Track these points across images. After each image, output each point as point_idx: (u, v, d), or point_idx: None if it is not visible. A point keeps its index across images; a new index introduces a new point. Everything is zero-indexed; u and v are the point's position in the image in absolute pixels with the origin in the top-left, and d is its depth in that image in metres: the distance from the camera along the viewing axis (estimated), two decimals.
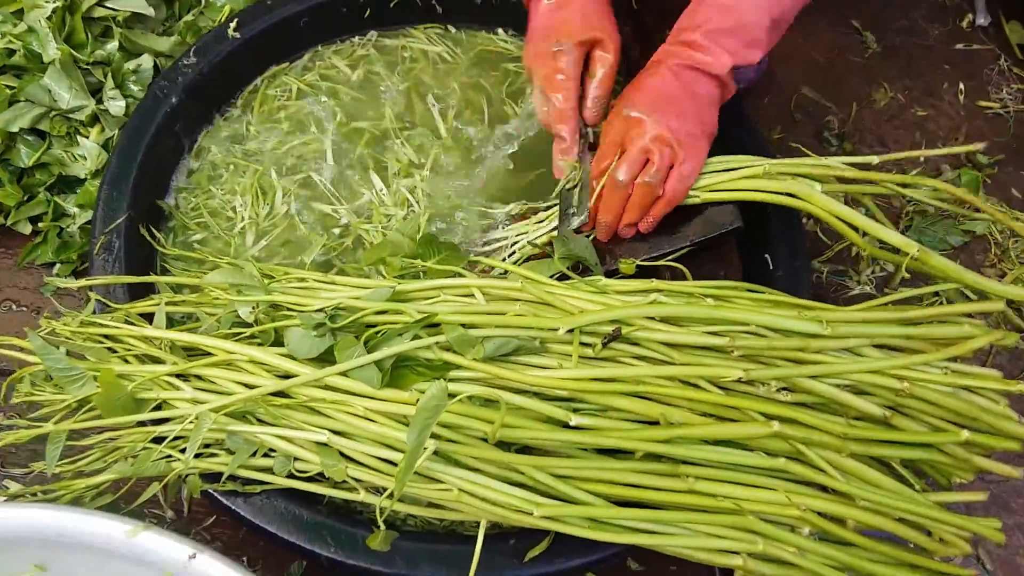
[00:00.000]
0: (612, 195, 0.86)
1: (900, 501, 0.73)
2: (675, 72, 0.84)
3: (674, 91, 0.84)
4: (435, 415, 0.62)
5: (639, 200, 0.85)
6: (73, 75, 1.05)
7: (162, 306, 0.77)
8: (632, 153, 0.83)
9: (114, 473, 0.73)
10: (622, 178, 0.84)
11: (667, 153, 0.82)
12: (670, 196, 0.85)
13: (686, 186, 0.85)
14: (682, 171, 0.84)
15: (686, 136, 0.83)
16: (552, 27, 0.88)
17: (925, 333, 0.75)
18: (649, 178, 0.83)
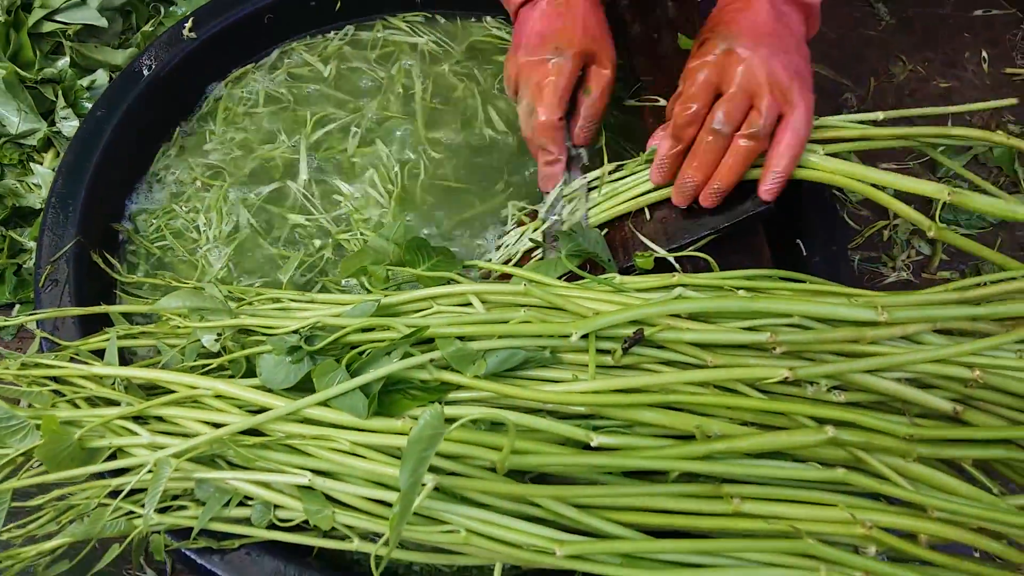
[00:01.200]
0: (707, 148, 0.73)
1: (979, 509, 0.62)
2: (771, 2, 0.74)
3: (772, 23, 0.73)
4: (431, 446, 0.52)
5: (743, 157, 0.72)
6: (21, 96, 0.96)
7: (113, 339, 0.67)
8: (735, 95, 0.71)
9: (68, 536, 0.63)
10: (724, 127, 0.71)
11: (777, 97, 0.70)
12: (796, 149, 0.71)
13: (806, 134, 0.72)
14: (800, 115, 0.71)
15: (796, 75, 0.71)
16: (548, 34, 0.80)
17: (994, 312, 0.65)
18: (755, 128, 0.70)
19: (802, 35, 0.77)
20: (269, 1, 0.96)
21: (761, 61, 0.70)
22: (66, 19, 1.03)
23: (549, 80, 0.78)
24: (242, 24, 0.95)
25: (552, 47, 0.79)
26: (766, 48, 0.71)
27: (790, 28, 0.75)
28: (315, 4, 0.99)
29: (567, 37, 0.79)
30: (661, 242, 0.78)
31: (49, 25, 1.02)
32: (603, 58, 0.81)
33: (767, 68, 0.70)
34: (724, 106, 0.71)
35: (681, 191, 0.76)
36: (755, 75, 0.70)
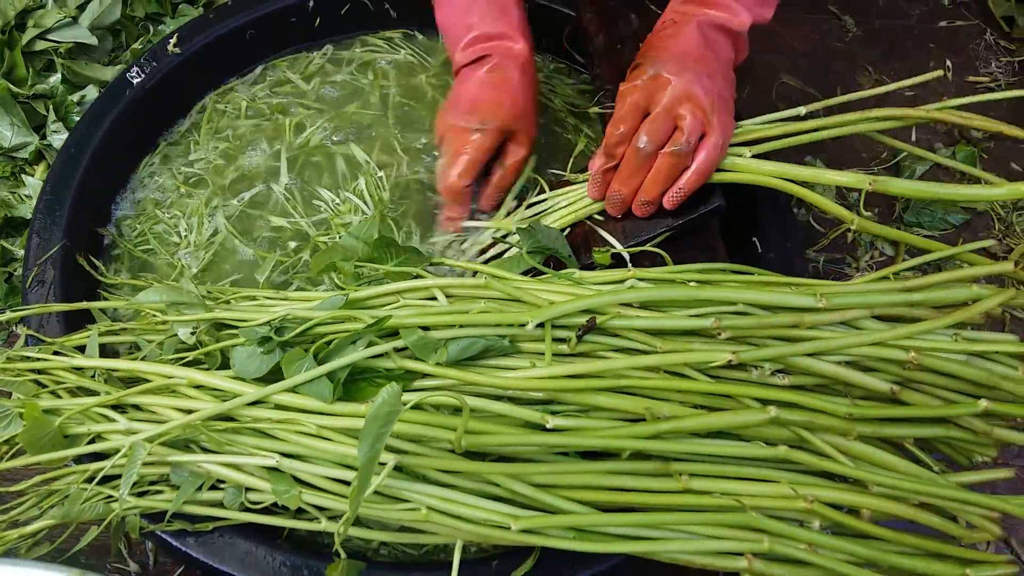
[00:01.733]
0: (632, 165, 0.78)
1: (918, 484, 0.65)
2: (699, 29, 0.79)
3: (700, 50, 0.78)
4: (388, 423, 0.55)
5: (665, 172, 0.77)
6: (13, 111, 1.00)
7: (94, 334, 0.71)
8: (659, 116, 0.76)
9: (50, 519, 0.66)
10: (646, 146, 0.76)
11: (699, 118, 0.75)
12: (704, 167, 0.76)
13: (720, 155, 0.77)
14: (715, 139, 0.76)
15: (718, 99, 0.76)
16: (478, 103, 0.85)
17: (929, 299, 0.69)
18: (678, 147, 0.75)
19: (730, 60, 0.82)
20: (251, 18, 1.00)
21: (685, 85, 0.75)
22: (58, 37, 1.08)
23: (466, 150, 0.84)
24: (225, 40, 1.00)
25: (478, 118, 0.84)
26: (691, 72, 0.76)
27: (717, 54, 0.79)
28: (295, 20, 1.04)
29: (493, 111, 0.84)
30: (619, 239, 0.82)
31: (42, 43, 1.06)
32: (522, 136, 0.86)
33: (690, 91, 0.75)
34: (647, 126, 0.76)
35: (611, 203, 0.82)
36: (678, 97, 0.75)
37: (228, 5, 1.02)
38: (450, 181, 0.85)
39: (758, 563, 0.62)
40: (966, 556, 0.67)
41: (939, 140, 1.32)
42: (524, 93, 0.86)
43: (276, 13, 1.02)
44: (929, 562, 0.66)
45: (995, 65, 1.42)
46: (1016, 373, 0.67)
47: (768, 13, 0.82)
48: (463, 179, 0.85)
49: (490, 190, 0.88)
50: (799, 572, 0.64)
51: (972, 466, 0.72)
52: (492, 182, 0.88)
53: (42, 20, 1.08)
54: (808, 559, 0.63)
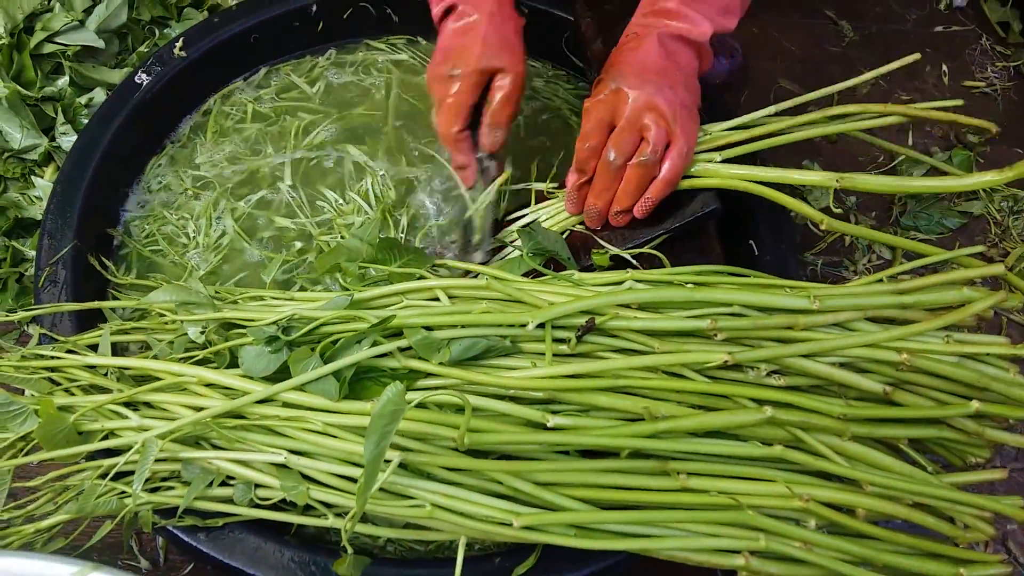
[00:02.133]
0: (603, 178, 0.81)
1: (912, 484, 0.67)
2: (659, 42, 0.81)
3: (660, 62, 0.80)
4: (393, 421, 0.57)
5: (635, 183, 0.80)
6: (23, 113, 1.02)
7: (106, 333, 0.73)
8: (624, 128, 0.78)
9: (64, 514, 0.67)
10: (614, 159, 0.79)
11: (663, 128, 0.77)
12: (670, 176, 0.79)
13: (685, 163, 0.80)
14: (680, 147, 0.78)
15: (680, 108, 0.78)
16: (452, 51, 0.86)
17: (921, 301, 0.70)
18: (645, 158, 0.78)
19: (693, 70, 0.83)
20: (255, 21, 1.02)
21: (646, 97, 0.77)
22: (65, 41, 1.09)
23: (449, 95, 0.85)
24: (230, 43, 1.01)
25: (451, 64, 0.85)
26: (651, 85, 0.78)
27: (678, 65, 0.81)
28: (299, 24, 1.05)
29: (464, 56, 0.85)
30: (618, 242, 0.83)
31: (50, 46, 1.08)
32: (505, 72, 0.87)
33: (651, 102, 0.77)
34: (614, 140, 0.79)
35: (588, 217, 0.85)
36: (640, 109, 0.77)
37: (233, 9, 1.03)
38: (442, 130, 0.87)
39: (755, 561, 0.64)
40: (960, 556, 0.68)
41: (935, 144, 1.33)
42: (494, 34, 0.86)
43: (280, 17, 1.04)
44: (924, 561, 0.67)
45: (991, 70, 1.43)
46: (1007, 375, 0.69)
47: (731, 23, 0.83)
48: (451, 125, 0.86)
49: (484, 129, 0.88)
50: (795, 570, 0.65)
51: (966, 467, 0.73)
52: (485, 122, 0.88)
53: (50, 23, 1.09)
54: (804, 557, 0.64)
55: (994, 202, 1.27)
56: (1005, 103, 1.38)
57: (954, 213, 1.25)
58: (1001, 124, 1.36)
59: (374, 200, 0.98)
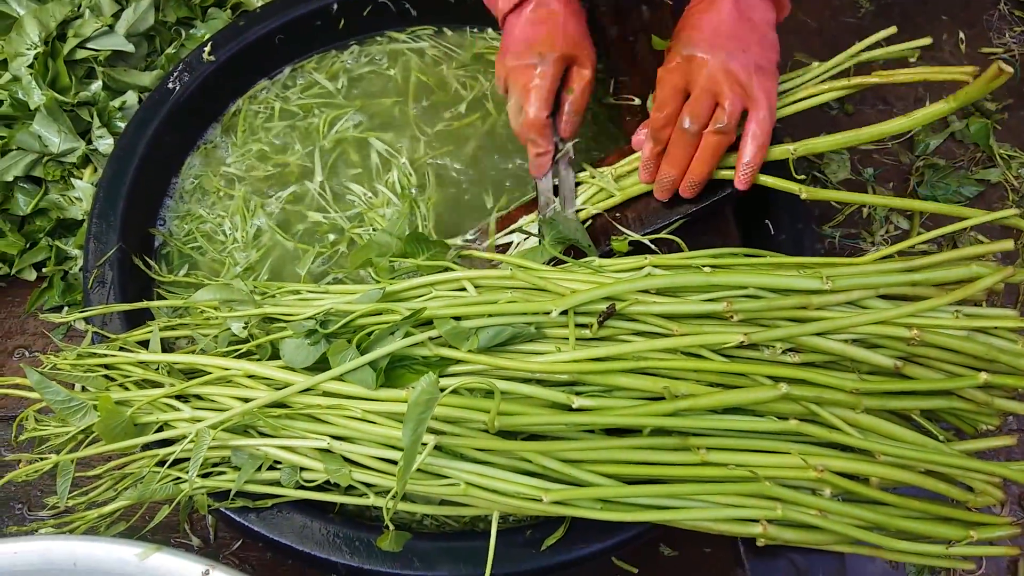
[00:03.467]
0: (679, 145, 0.81)
1: (923, 452, 0.70)
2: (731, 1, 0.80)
3: (733, 23, 0.79)
4: (428, 409, 0.61)
5: (711, 151, 0.80)
6: (61, 119, 1.06)
7: (156, 330, 0.78)
8: (699, 96, 0.78)
9: (125, 500, 0.73)
10: (690, 126, 0.79)
11: (739, 93, 0.77)
12: (762, 139, 0.78)
13: (771, 124, 0.79)
14: (762, 111, 0.78)
15: (756, 70, 0.78)
16: (533, 40, 0.87)
17: (930, 278, 0.72)
18: (721, 124, 0.77)
19: (768, 23, 0.82)
20: (279, 23, 1.05)
21: (719, 64, 0.77)
22: (97, 46, 1.13)
23: (535, 83, 0.86)
24: (256, 45, 1.05)
25: (536, 53, 0.87)
26: (724, 51, 0.78)
27: (752, 22, 0.80)
28: (320, 24, 1.09)
29: (549, 43, 0.86)
30: (636, 227, 0.86)
31: (82, 52, 1.12)
32: (583, 60, 0.89)
33: (725, 69, 0.77)
34: (690, 108, 0.79)
35: (660, 186, 0.85)
36: (715, 77, 0.77)
37: (258, 12, 1.06)
38: (529, 117, 0.87)
39: (772, 528, 0.68)
40: (971, 519, 0.71)
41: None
42: (571, 21, 0.88)
43: (303, 17, 1.07)
44: (935, 525, 0.70)
45: (1009, 35, 1.42)
46: (1015, 347, 0.71)
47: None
48: (540, 112, 0.87)
49: (566, 116, 0.90)
50: (811, 536, 0.69)
51: (977, 434, 0.76)
52: (565, 109, 0.90)
53: (81, 29, 1.13)
54: (819, 524, 0.68)
55: (1012, 169, 1.27)
56: (1022, 69, 1.37)
57: (971, 181, 1.26)
58: (1019, 90, 1.37)
59: (400, 189, 1.01)
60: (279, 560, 0.93)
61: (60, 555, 0.66)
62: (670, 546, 0.95)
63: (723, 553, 0.95)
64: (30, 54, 1.08)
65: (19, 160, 1.07)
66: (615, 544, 0.75)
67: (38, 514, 0.96)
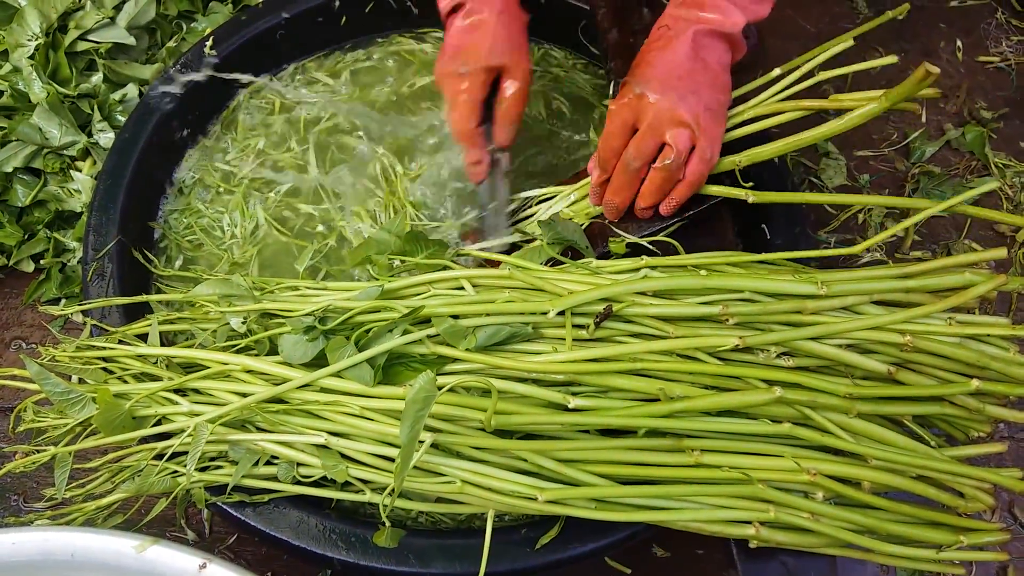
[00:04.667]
0: (621, 178, 0.84)
1: (915, 458, 0.71)
2: (687, 40, 0.81)
3: (687, 64, 0.81)
4: (426, 407, 0.61)
5: (658, 184, 0.82)
6: (61, 112, 1.06)
7: (155, 324, 0.78)
8: (644, 135, 0.80)
9: (122, 492, 0.73)
10: (632, 162, 0.81)
11: (686, 135, 0.79)
12: (693, 179, 0.82)
13: (709, 168, 0.82)
14: (703, 154, 0.80)
15: (704, 112, 0.80)
16: (461, 48, 0.88)
17: (924, 285, 0.73)
18: (669, 161, 0.80)
19: (723, 66, 0.84)
20: (280, 19, 1.06)
21: (669, 105, 0.79)
22: (98, 38, 1.13)
23: (461, 95, 0.88)
24: (257, 41, 1.05)
25: (462, 62, 0.88)
26: (675, 93, 0.79)
27: (706, 63, 0.82)
28: (322, 20, 1.09)
29: (474, 53, 0.87)
30: (633, 230, 0.87)
31: (83, 44, 1.12)
32: (513, 70, 0.89)
33: (673, 112, 0.78)
34: (635, 144, 0.81)
35: (607, 209, 0.88)
36: (662, 118, 0.79)
37: (259, 7, 1.07)
38: (456, 126, 0.89)
39: (765, 530, 0.68)
40: (961, 524, 0.72)
41: (949, 121, 1.35)
42: (502, 31, 0.88)
43: (304, 13, 1.07)
44: (926, 530, 0.71)
45: (1005, 44, 1.44)
46: (1006, 354, 0.72)
47: (764, 10, 0.83)
48: (466, 121, 0.89)
49: (498, 126, 0.91)
50: (803, 539, 0.70)
51: (968, 441, 0.77)
52: (497, 118, 0.91)
53: (82, 21, 1.13)
54: (811, 527, 0.69)
55: (1006, 178, 1.28)
56: (1019, 77, 1.39)
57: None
58: (1015, 99, 1.38)
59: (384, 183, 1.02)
60: (274, 555, 0.94)
61: (58, 546, 0.67)
62: (662, 547, 0.96)
63: (715, 555, 0.96)
64: (31, 45, 1.08)
65: (18, 151, 1.07)
66: (609, 544, 0.75)
67: (34, 506, 0.96)
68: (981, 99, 1.37)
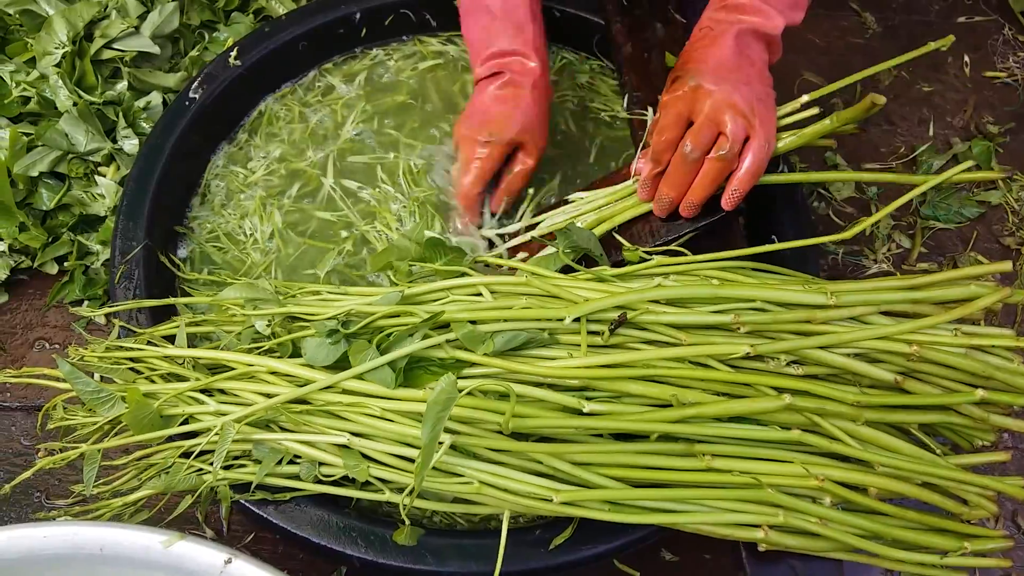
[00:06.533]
0: (679, 170, 0.83)
1: (921, 465, 0.73)
2: (731, 38, 0.83)
3: (735, 58, 0.82)
4: (446, 409, 0.64)
5: (713, 176, 0.82)
6: (88, 119, 1.09)
7: (182, 326, 0.80)
8: (702, 125, 0.81)
9: (149, 489, 0.75)
10: (692, 153, 0.81)
11: (741, 124, 0.79)
12: (754, 168, 0.81)
13: (767, 155, 0.82)
14: (760, 140, 0.80)
15: (757, 103, 0.81)
16: (490, 117, 0.91)
17: (931, 296, 0.75)
18: (724, 151, 0.80)
19: (764, 62, 0.86)
20: (303, 30, 1.08)
21: (724, 95, 0.80)
22: (123, 47, 1.15)
23: (477, 160, 0.91)
24: (280, 51, 1.08)
25: (488, 131, 0.91)
26: (729, 83, 0.81)
27: (751, 60, 0.84)
28: (343, 31, 1.12)
29: (503, 125, 0.90)
30: (647, 239, 0.89)
31: (108, 53, 1.14)
32: (531, 148, 0.93)
33: (730, 100, 0.80)
34: (692, 135, 0.82)
35: (659, 205, 0.88)
36: (720, 107, 0.80)
37: (282, 19, 1.09)
38: (463, 189, 0.93)
39: (774, 534, 0.70)
40: (965, 531, 0.74)
41: (956, 135, 1.37)
42: (533, 108, 0.92)
43: (326, 25, 1.10)
44: (931, 536, 0.73)
45: (1012, 60, 1.45)
46: (1011, 365, 0.74)
47: (799, 16, 0.85)
48: (474, 187, 0.93)
49: (498, 195, 0.96)
50: (810, 543, 0.71)
51: (973, 449, 0.79)
52: (501, 188, 0.95)
53: (108, 30, 1.16)
54: (819, 531, 0.70)
55: (1012, 192, 1.30)
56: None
57: (972, 202, 1.29)
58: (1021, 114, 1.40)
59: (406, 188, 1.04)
60: (289, 554, 0.96)
61: (87, 540, 0.69)
62: (671, 551, 0.98)
63: (723, 559, 0.97)
64: (58, 53, 1.11)
65: (44, 156, 1.09)
66: (620, 546, 0.77)
67: (56, 503, 0.98)
68: (988, 114, 1.39)
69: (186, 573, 0.68)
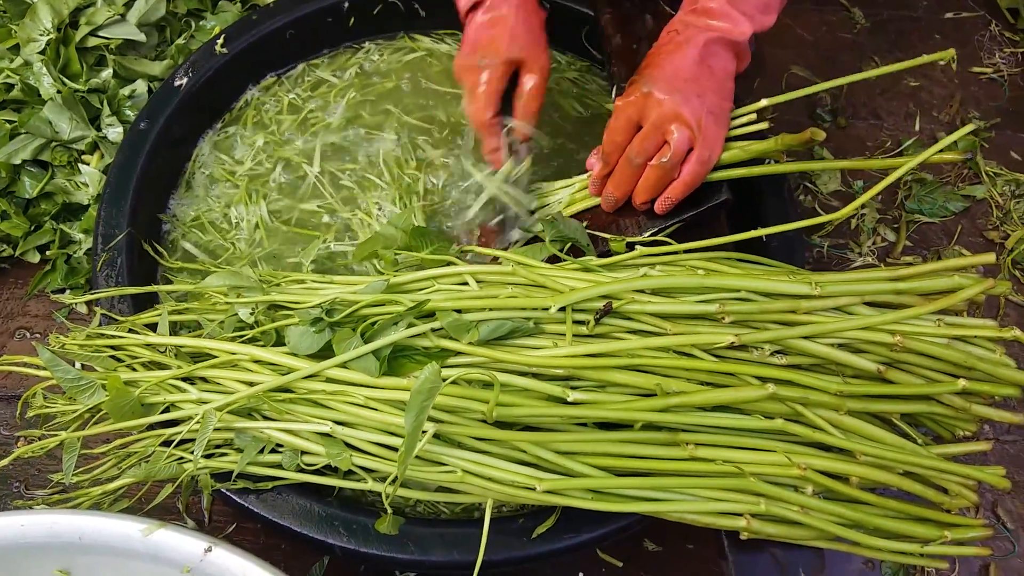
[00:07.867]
0: (623, 172, 0.86)
1: (902, 454, 0.73)
2: (695, 46, 0.83)
3: (694, 68, 0.83)
4: (430, 397, 0.63)
5: (653, 181, 0.84)
6: (72, 107, 1.08)
7: (164, 314, 0.80)
8: (648, 132, 0.82)
9: (129, 478, 0.75)
10: (635, 158, 0.84)
11: (686, 135, 0.81)
12: (688, 180, 0.83)
13: (706, 170, 0.84)
14: (701, 155, 0.82)
15: (706, 115, 0.82)
16: (480, 43, 0.91)
17: (914, 287, 0.75)
18: (664, 160, 0.82)
19: (728, 73, 0.86)
20: (291, 18, 1.08)
21: (673, 105, 0.81)
22: (108, 34, 1.15)
23: (480, 86, 0.91)
24: (267, 40, 1.07)
25: (480, 55, 0.91)
26: (680, 94, 0.81)
27: (712, 70, 0.84)
28: (331, 20, 1.11)
29: (494, 48, 0.90)
30: (633, 230, 0.89)
31: (93, 40, 1.14)
32: (532, 65, 0.92)
33: (677, 111, 0.81)
34: (638, 141, 0.83)
35: (606, 201, 0.91)
36: (667, 117, 0.81)
37: (269, 7, 1.09)
38: (475, 116, 0.92)
39: (755, 523, 0.70)
40: (946, 520, 0.74)
41: (942, 129, 1.37)
42: (521, 26, 0.91)
43: (314, 13, 1.09)
44: (912, 525, 0.73)
45: (999, 56, 1.46)
46: (993, 355, 0.74)
47: (769, 20, 0.86)
48: (485, 111, 0.91)
49: (517, 118, 0.94)
50: (792, 531, 0.72)
51: (955, 439, 0.79)
52: (516, 112, 0.94)
53: (93, 18, 1.15)
54: (801, 520, 0.71)
55: (996, 186, 1.31)
56: (1011, 88, 1.41)
57: (957, 197, 1.29)
58: (1007, 110, 1.41)
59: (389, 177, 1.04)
60: (272, 545, 0.95)
61: (66, 529, 0.68)
62: (654, 541, 0.98)
63: (705, 550, 0.98)
64: (42, 40, 1.10)
65: (27, 144, 1.08)
66: (602, 535, 0.77)
67: (35, 492, 0.97)
68: (973, 109, 1.39)
69: (166, 561, 0.68)
